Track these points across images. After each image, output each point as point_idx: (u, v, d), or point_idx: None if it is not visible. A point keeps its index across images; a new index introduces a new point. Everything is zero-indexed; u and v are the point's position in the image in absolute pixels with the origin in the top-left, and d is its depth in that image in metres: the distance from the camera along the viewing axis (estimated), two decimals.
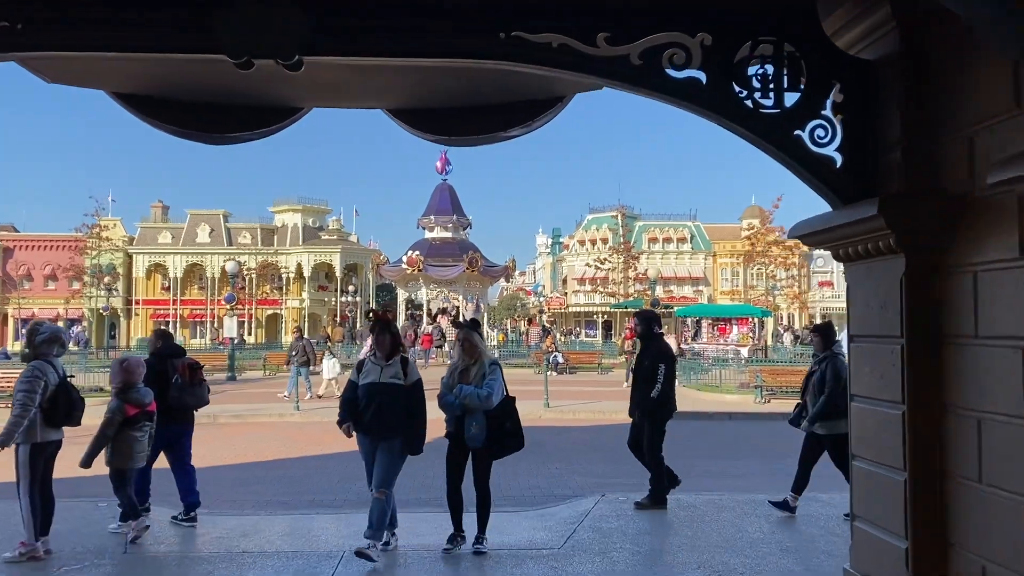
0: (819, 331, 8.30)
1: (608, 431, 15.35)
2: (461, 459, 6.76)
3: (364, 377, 6.57)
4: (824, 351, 7.94)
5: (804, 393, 8.10)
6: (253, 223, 69.28)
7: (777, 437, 14.83)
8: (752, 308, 39.34)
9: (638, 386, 8.44)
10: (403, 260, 40.13)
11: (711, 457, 12.35)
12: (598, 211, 69.09)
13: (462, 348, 6.79)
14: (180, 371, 7.83)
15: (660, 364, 8.21)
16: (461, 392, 6.48)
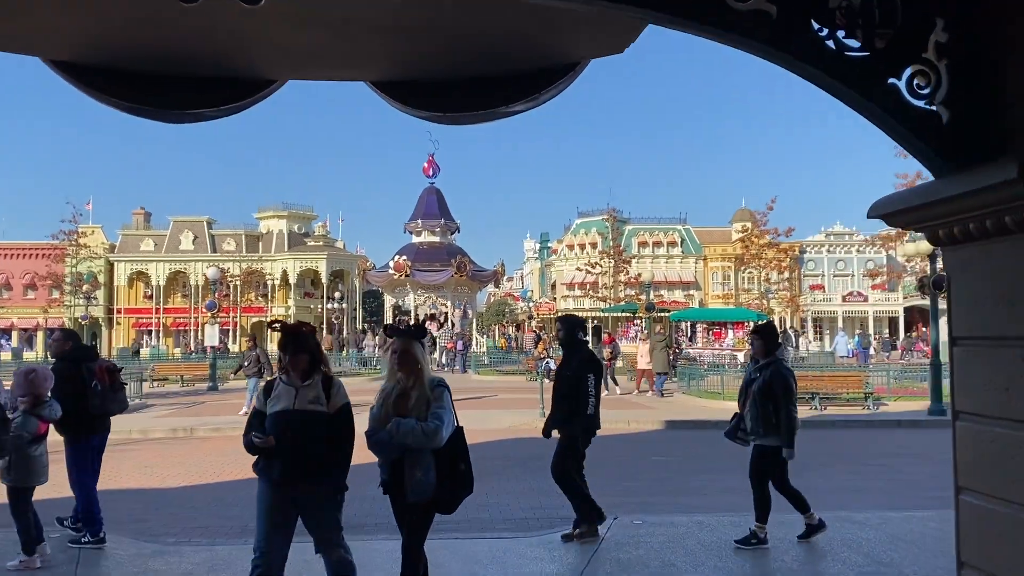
0: (760, 334, 7.39)
1: (608, 442, 14.51)
2: (400, 517, 4.98)
3: (273, 404, 4.80)
4: (766, 356, 7.09)
5: (742, 403, 7.25)
6: (238, 229, 68.24)
7: None
8: (748, 312, 38.67)
9: (560, 401, 7.33)
10: (390, 265, 39.28)
11: (726, 471, 11.50)
12: (587, 215, 68.37)
13: (399, 364, 4.83)
14: (99, 376, 7.03)
15: (587, 374, 7.17)
16: (398, 428, 4.61)
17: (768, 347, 7.12)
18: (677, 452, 13.43)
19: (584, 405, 7.12)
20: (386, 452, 4.79)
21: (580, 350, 7.45)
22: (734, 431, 7.35)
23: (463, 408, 18.24)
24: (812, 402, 18.72)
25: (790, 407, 6.83)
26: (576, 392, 7.14)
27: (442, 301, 41.34)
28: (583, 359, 7.34)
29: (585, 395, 7.11)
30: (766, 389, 6.86)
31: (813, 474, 11.25)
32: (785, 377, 6.92)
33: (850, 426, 16.79)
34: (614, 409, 18.74)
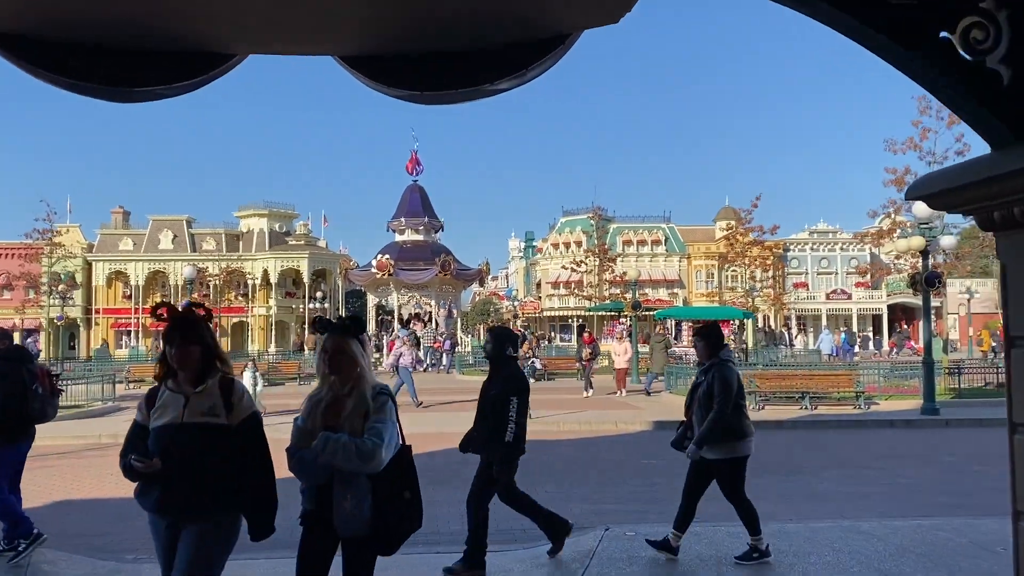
0: (702, 335, 6.75)
1: (598, 445, 14.09)
2: (324, 554, 3.91)
3: (157, 416, 3.78)
4: (710, 358, 6.55)
5: (689, 409, 6.71)
6: (218, 228, 67.23)
7: (779, 449, 13.66)
8: (734, 310, 38.36)
9: (481, 421, 6.58)
10: (372, 264, 38.70)
11: None
12: (572, 213, 67.98)
13: (330, 365, 3.90)
14: (41, 379, 6.59)
15: (511, 396, 6.30)
16: (326, 444, 3.65)
17: (711, 348, 6.57)
18: (667, 454, 12.94)
19: (502, 431, 6.26)
20: (310, 474, 3.77)
21: (507, 367, 6.62)
22: (680, 441, 6.80)
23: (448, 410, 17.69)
24: (802, 401, 18.39)
25: (723, 406, 6.24)
26: (497, 415, 6.32)
27: (426, 300, 40.80)
28: (509, 377, 6.51)
29: (505, 420, 6.27)
30: (710, 393, 6.35)
31: (810, 478, 10.87)
32: (727, 378, 6.35)
33: (842, 426, 16.43)
34: (600, 410, 18.31)
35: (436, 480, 10.38)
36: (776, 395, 18.78)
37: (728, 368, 6.47)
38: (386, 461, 3.71)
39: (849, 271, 68.50)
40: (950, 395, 19.33)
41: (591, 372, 22.87)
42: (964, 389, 19.87)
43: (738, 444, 6.44)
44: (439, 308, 40.57)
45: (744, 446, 6.47)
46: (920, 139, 22.39)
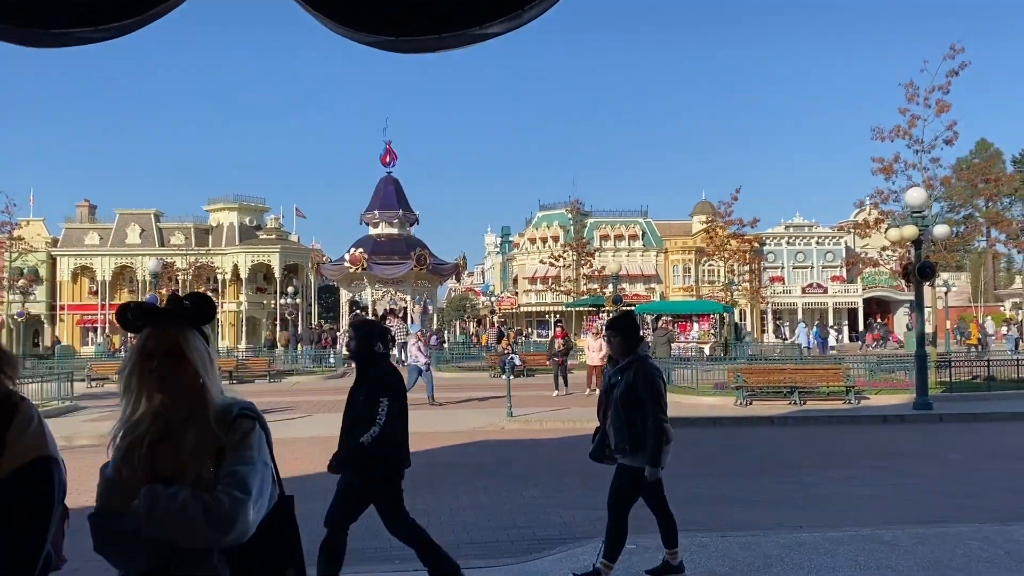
0: (618, 328, 5.76)
1: (583, 445, 13.32)
2: None
3: None
4: (627, 354, 5.64)
5: (603, 414, 5.77)
6: (186, 222, 65.83)
7: (773, 447, 13.04)
8: (713, 304, 37.87)
9: (349, 432, 5.49)
10: (345, 258, 37.67)
11: (719, 477, 10.42)
12: (549, 208, 67.35)
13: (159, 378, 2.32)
14: None
15: (381, 398, 5.36)
16: (153, 505, 2.14)
17: (628, 343, 5.64)
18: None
19: (367, 434, 5.30)
20: (128, 555, 2.26)
21: (377, 366, 5.60)
22: (600, 451, 5.86)
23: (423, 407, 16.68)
24: (791, 396, 17.82)
25: (659, 414, 5.43)
26: (367, 422, 5.34)
27: (401, 295, 39.86)
28: (379, 377, 5.52)
29: (381, 425, 5.33)
30: (630, 393, 5.47)
31: (810, 478, 10.24)
32: (652, 377, 5.51)
33: (833, 422, 15.87)
34: (586, 407, 17.59)
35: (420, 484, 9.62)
36: (764, 390, 18.20)
37: (650, 365, 5.64)
38: (254, 526, 2.25)
39: (825, 265, 68.56)
40: (940, 389, 18.87)
41: (566, 369, 22.00)
42: (954, 383, 19.43)
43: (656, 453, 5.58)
44: (415, 303, 39.67)
45: (666, 454, 5.61)
46: (908, 126, 21.91)
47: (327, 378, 29.26)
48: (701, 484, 9.83)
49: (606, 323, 6.15)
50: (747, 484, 9.90)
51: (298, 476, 10.57)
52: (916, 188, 16.70)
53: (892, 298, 68.52)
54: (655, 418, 5.41)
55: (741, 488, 9.66)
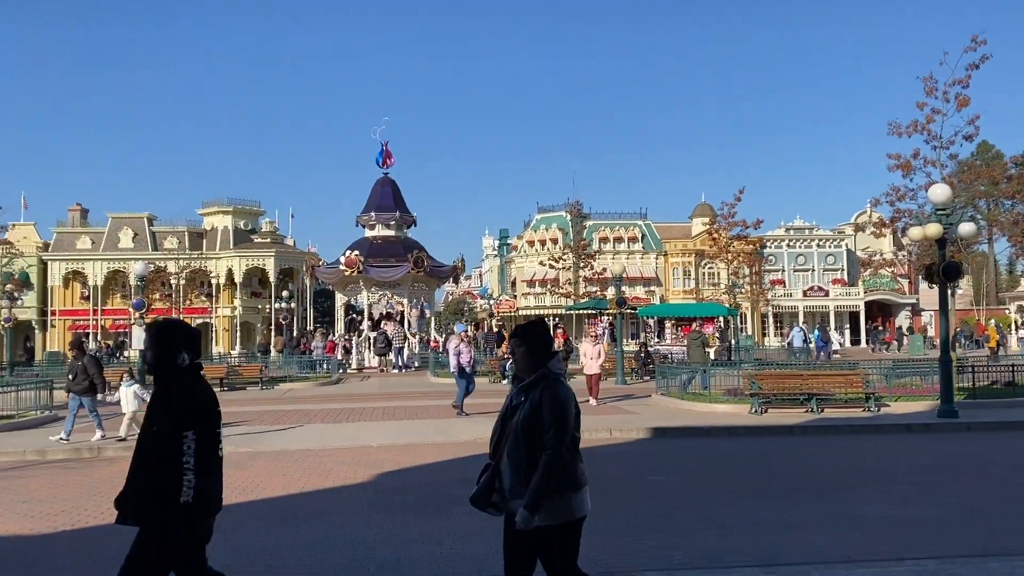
0: (524, 336, 4.39)
1: (593, 458, 12.41)
2: None
3: None
4: (533, 370, 4.30)
5: (496, 446, 4.37)
6: (180, 226, 64.85)
7: (801, 460, 12.13)
8: (718, 307, 37.00)
9: (143, 469, 4.04)
10: (341, 261, 36.75)
11: (745, 496, 9.50)
12: (547, 210, 66.52)
13: None
14: None
15: (184, 430, 3.96)
16: None
17: (535, 356, 4.30)
18: (677, 469, 11.43)
19: (176, 485, 3.92)
20: None
21: (180, 380, 4.14)
22: (485, 494, 4.34)
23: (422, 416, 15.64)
24: (808, 404, 16.94)
25: (559, 445, 4.06)
26: (164, 460, 3.97)
27: (398, 299, 38.93)
28: (181, 398, 4.06)
29: (178, 469, 3.93)
30: (533, 419, 4.13)
31: (846, 496, 9.33)
32: (561, 399, 4.18)
33: (856, 431, 14.99)
34: (593, 415, 16.70)
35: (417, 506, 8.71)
36: (779, 397, 17.32)
37: (561, 386, 4.26)
38: None
39: (826, 268, 67.76)
40: (962, 395, 18.00)
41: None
42: (977, 389, 18.56)
43: (571, 500, 4.17)
44: (411, 307, 38.75)
45: (579, 502, 4.19)
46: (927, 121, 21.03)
47: (321, 385, 28.31)
48: (729, 504, 8.94)
49: (511, 332, 4.60)
50: (778, 504, 9.01)
51: (285, 496, 9.67)
52: (940, 184, 15.84)
53: (894, 301, 67.80)
54: (553, 452, 4.02)
55: (773, 509, 8.77)
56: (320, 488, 10.17)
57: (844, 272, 68.29)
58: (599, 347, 20.02)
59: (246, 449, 13.49)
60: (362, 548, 7.33)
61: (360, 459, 12.30)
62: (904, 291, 68.20)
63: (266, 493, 9.90)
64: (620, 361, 25.48)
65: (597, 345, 20.04)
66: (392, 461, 12.01)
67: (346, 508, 8.99)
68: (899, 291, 67.83)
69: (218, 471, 4.20)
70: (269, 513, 8.83)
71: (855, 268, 68.78)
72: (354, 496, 9.63)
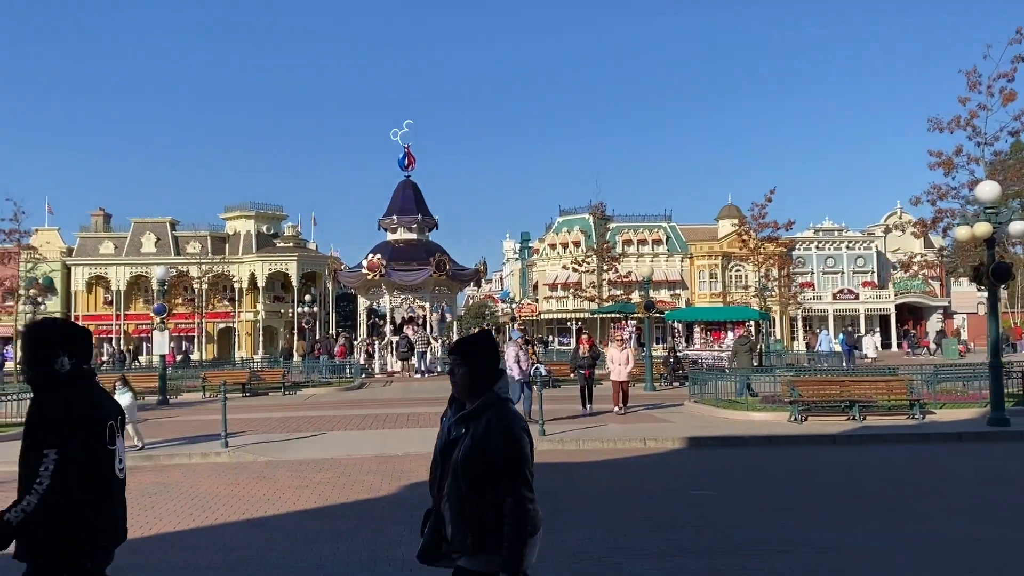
0: (466, 352, 3.55)
1: (631, 469, 11.88)
2: None
3: None
4: (477, 394, 3.47)
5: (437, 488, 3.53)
6: (202, 231, 64.99)
7: (847, 471, 11.44)
8: (750, 311, 36.18)
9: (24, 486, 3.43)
10: (363, 264, 36.32)
11: (794, 511, 8.86)
12: (570, 212, 65.90)
13: None
14: None
15: (46, 448, 3.31)
16: None
17: (478, 377, 3.47)
18: (717, 481, 10.79)
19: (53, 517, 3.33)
20: None
21: (49, 388, 3.46)
22: (433, 547, 3.50)
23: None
24: (850, 411, 16.21)
25: (521, 490, 3.28)
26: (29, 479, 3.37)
27: (420, 303, 38.47)
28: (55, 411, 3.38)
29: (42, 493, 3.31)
30: (477, 455, 3.31)
31: (910, 514, 8.66)
32: (512, 432, 3.35)
33: (902, 440, 14.26)
34: (625, 424, 16.08)
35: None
36: (819, 404, 16.60)
37: (510, 414, 3.43)
38: None
39: (856, 270, 66.59)
40: (1011, 402, 17.17)
41: (593, 382, 19.00)
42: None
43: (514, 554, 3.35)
44: (432, 311, 38.27)
45: (531, 551, 3.39)
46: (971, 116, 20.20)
47: (344, 390, 27.89)
48: (782, 521, 8.31)
49: (451, 347, 3.78)
50: (833, 521, 8.36)
51: (309, 510, 9.15)
52: (989, 182, 15.06)
53: (925, 304, 66.46)
54: (515, 496, 3.25)
55: (828, 526, 8.12)
56: (344, 501, 9.66)
57: (874, 274, 67.08)
58: (627, 352, 19.07)
59: (268, 459, 13.03)
60: (391, 570, 6.81)
61: (384, 469, 11.79)
62: (936, 294, 66.81)
63: (289, 507, 9.40)
64: (649, 367, 24.82)
65: (625, 350, 19.00)
66: (418, 472, 11.47)
67: (371, 524, 8.46)
68: (930, 294, 66.44)
69: (112, 496, 3.48)
70: (294, 528, 8.31)
71: (885, 270, 67.58)
72: (379, 510, 9.10)
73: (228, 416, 15.10)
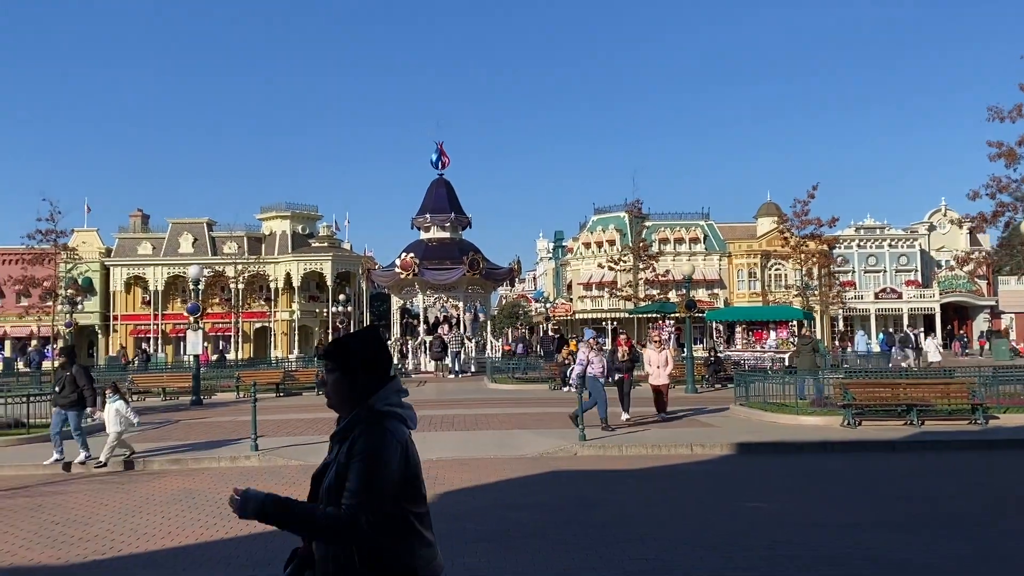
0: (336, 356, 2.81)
1: (679, 479, 11.19)
2: None
3: None
4: (350, 405, 2.77)
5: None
6: (239, 231, 65.23)
7: (914, 481, 10.63)
8: (793, 310, 35.15)
9: None
10: (396, 263, 36.00)
11: (865, 525, 8.12)
12: (604, 211, 65.07)
13: None
14: None
15: None
16: None
17: (352, 387, 2.78)
18: (774, 492, 10.07)
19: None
20: None
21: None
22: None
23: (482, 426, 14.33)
24: (908, 415, 15.35)
25: (357, 515, 2.56)
26: None
27: (453, 302, 38.05)
28: None
29: None
30: (339, 487, 2.64)
31: (988, 530, 7.90)
32: (375, 453, 2.62)
33: (966, 448, 13.38)
34: (670, 429, 15.37)
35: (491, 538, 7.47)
36: (873, 408, 15.76)
37: (384, 433, 2.69)
38: None
39: (899, 268, 64.89)
40: None
41: (631, 386, 17.27)
42: None
43: None
44: (465, 311, 37.81)
45: None
46: None
47: None
48: (847, 540, 7.58)
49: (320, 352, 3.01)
50: (909, 539, 7.62)
51: None
52: None
53: (971, 303, 64.51)
54: (348, 521, 2.53)
55: (904, 545, 7.39)
56: None
57: (918, 273, 65.31)
58: (666, 353, 18.10)
59: (299, 462, 12.56)
60: None
61: None
62: (982, 292, 64.79)
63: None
64: (690, 368, 24.04)
65: (663, 352, 18.02)
66: (453, 478, 10.93)
67: None
68: (976, 292, 64.44)
69: None
70: None
71: (929, 269, 65.74)
72: None
73: (260, 417, 14.69)
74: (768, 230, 63.12)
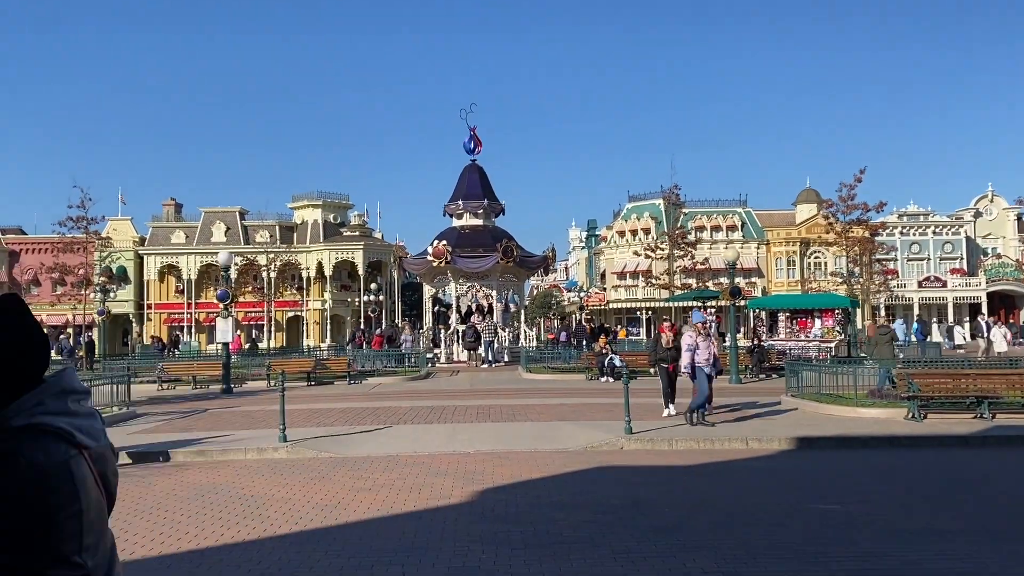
0: None
1: (735, 476, 10.31)
2: None
3: None
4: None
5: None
6: (271, 220, 65.14)
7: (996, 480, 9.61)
8: (839, 298, 33.89)
9: None
10: (428, 251, 35.27)
11: (952, 534, 7.20)
12: (639, 199, 63.87)
13: None
14: None
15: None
16: None
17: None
18: (844, 492, 9.16)
19: None
20: None
21: None
22: None
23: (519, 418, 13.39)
24: (978, 408, 14.30)
25: None
26: None
27: (486, 290, 37.27)
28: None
29: None
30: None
31: None
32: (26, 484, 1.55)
33: None
34: (723, 423, 14.43)
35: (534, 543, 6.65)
36: (939, 400, 14.73)
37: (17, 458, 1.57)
38: None
39: (943, 256, 62.97)
40: None
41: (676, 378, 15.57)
42: None
43: None
44: (497, 300, 37.01)
45: None
46: None
47: (410, 379, 26.87)
48: (930, 552, 6.67)
49: None
50: (1012, 549, 6.71)
51: (373, 520, 7.88)
52: None
53: (1018, 292, 62.44)
54: None
55: (1007, 555, 6.48)
56: (412, 510, 8.38)
57: (963, 261, 63.34)
58: (709, 343, 16.73)
59: (329, 455, 11.91)
60: None
61: (455, 470, 10.51)
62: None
63: (349, 516, 8.17)
64: (734, 358, 23.05)
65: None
66: (492, 474, 10.18)
67: (443, 540, 7.16)
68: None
69: None
70: (355, 545, 7.05)
71: (975, 256, 63.75)
72: (452, 522, 7.80)
73: (290, 407, 14.05)
74: (808, 217, 61.53)
